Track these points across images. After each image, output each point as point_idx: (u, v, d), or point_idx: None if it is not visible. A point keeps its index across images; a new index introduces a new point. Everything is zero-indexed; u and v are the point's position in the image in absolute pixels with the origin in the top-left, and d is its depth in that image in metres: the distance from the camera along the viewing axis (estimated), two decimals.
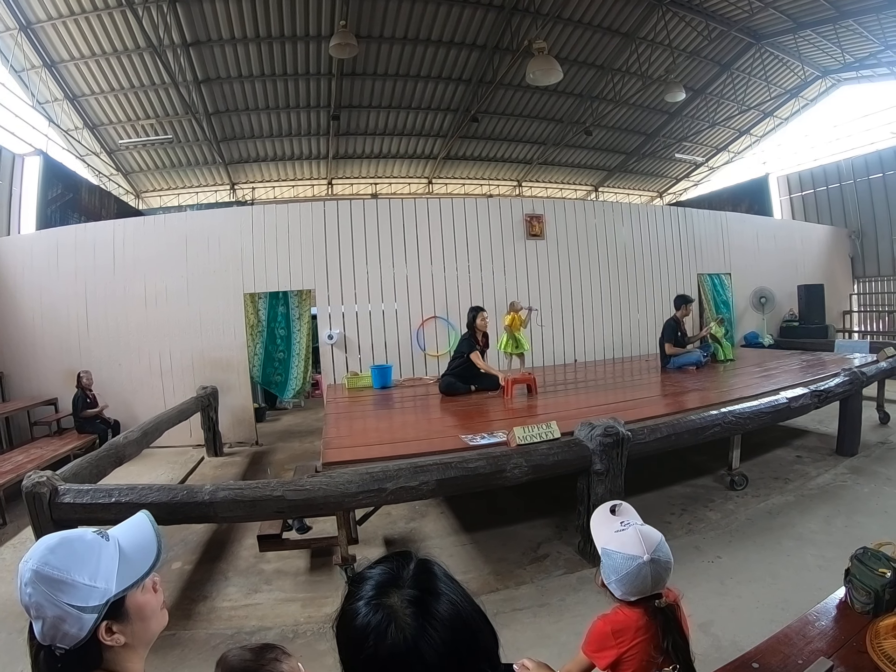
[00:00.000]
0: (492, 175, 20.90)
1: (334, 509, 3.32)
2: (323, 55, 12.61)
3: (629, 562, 1.51)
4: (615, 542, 1.55)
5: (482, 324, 6.24)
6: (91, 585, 0.97)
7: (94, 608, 0.97)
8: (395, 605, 0.85)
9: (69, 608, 0.94)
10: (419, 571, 0.91)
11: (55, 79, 12.46)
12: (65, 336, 7.78)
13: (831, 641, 1.78)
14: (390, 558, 0.95)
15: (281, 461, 6.85)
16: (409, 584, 0.88)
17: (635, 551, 1.51)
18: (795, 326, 11.71)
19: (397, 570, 0.91)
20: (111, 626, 1.00)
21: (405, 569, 0.91)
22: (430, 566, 0.94)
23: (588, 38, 13.49)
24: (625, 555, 1.52)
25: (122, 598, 1.02)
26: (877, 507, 4.41)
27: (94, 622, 0.97)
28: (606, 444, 3.59)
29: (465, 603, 0.89)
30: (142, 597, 1.07)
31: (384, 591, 0.88)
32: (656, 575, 1.52)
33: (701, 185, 22.73)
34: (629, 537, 1.54)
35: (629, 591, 1.55)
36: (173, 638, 3.11)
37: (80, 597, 0.96)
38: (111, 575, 1.00)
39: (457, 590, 0.91)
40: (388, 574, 0.91)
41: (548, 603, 3.31)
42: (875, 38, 13.01)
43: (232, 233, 7.81)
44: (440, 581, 0.91)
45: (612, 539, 1.56)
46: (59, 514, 3.06)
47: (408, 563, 0.92)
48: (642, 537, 1.53)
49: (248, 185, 19.06)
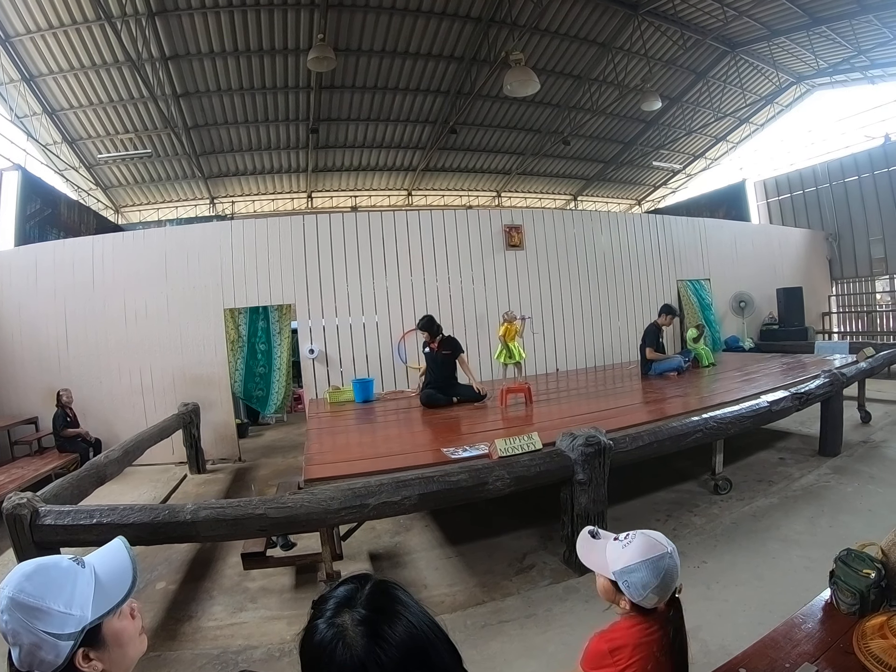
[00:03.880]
0: (471, 186, 21.00)
1: (317, 526, 3.27)
2: (301, 68, 12.60)
3: (660, 563, 1.48)
4: (633, 556, 1.50)
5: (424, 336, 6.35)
6: (66, 613, 0.97)
7: (70, 635, 0.96)
8: (345, 624, 0.86)
9: (45, 635, 0.94)
10: (373, 592, 0.92)
11: (34, 93, 12.34)
12: (44, 354, 7.66)
13: (818, 644, 1.77)
14: (351, 580, 0.96)
15: (264, 477, 6.78)
16: (362, 605, 0.89)
17: (659, 550, 1.49)
18: (775, 329, 11.86)
19: (353, 591, 0.92)
20: (88, 653, 1.00)
21: (361, 590, 0.92)
22: (385, 587, 0.94)
23: (565, 48, 13.62)
24: (652, 560, 1.48)
25: (99, 624, 1.02)
26: (861, 506, 4.45)
27: (70, 649, 0.96)
28: (588, 454, 3.58)
29: (422, 623, 0.89)
30: (119, 623, 1.06)
31: (339, 610, 0.89)
32: (678, 567, 1.52)
33: (679, 192, 23.00)
34: (645, 544, 1.51)
35: (666, 592, 1.51)
36: (159, 659, 3.06)
37: (55, 624, 0.95)
38: (87, 602, 1.00)
39: (414, 610, 0.91)
40: (346, 594, 0.92)
41: (535, 614, 3.28)
42: (848, 43, 13.26)
43: (211, 248, 7.76)
44: (395, 601, 0.91)
45: (626, 555, 1.52)
46: (40, 536, 3.00)
47: (364, 584, 0.93)
48: (652, 537, 1.52)
49: (227, 200, 18.98)
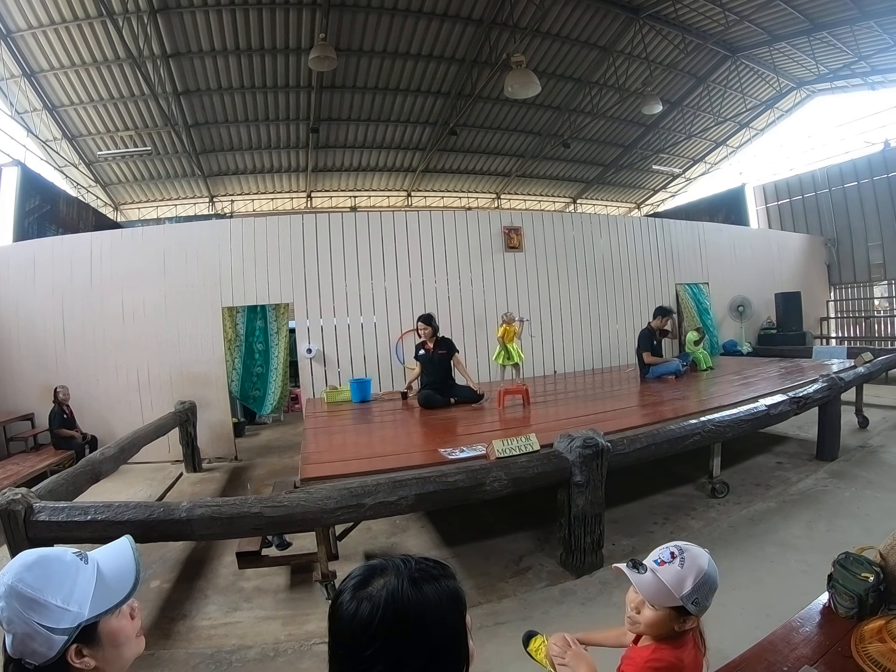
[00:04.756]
0: (470, 188, 21.02)
1: (313, 525, 3.25)
2: (302, 68, 12.61)
3: (710, 568, 1.41)
4: (689, 573, 1.39)
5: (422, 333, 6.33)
6: (63, 608, 0.96)
7: (65, 631, 0.95)
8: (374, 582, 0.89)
9: (39, 628, 0.93)
10: (427, 566, 0.93)
11: (34, 88, 12.36)
12: (41, 350, 7.63)
13: (816, 647, 1.77)
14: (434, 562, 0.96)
15: (260, 477, 6.75)
16: (406, 571, 0.90)
17: (703, 556, 1.42)
18: (773, 334, 11.85)
19: (410, 562, 0.93)
20: (81, 649, 0.99)
21: (421, 563, 0.93)
22: (443, 570, 0.94)
23: (566, 51, 13.66)
24: (702, 569, 1.40)
25: (95, 622, 1.00)
26: (858, 511, 4.44)
27: (63, 644, 0.95)
28: (586, 456, 3.57)
29: (437, 611, 0.88)
30: (116, 623, 1.05)
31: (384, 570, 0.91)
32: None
33: (678, 195, 23.06)
34: (694, 553, 1.43)
35: (711, 598, 1.44)
36: (153, 658, 3.04)
37: (51, 618, 0.94)
38: (85, 599, 0.99)
39: (440, 601, 0.89)
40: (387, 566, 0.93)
41: (531, 616, 3.26)
42: (849, 49, 13.29)
43: (210, 246, 7.73)
44: (428, 584, 0.90)
45: (691, 573, 1.40)
46: (34, 533, 2.99)
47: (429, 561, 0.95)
48: (689, 546, 1.45)
49: (227, 198, 18.97)
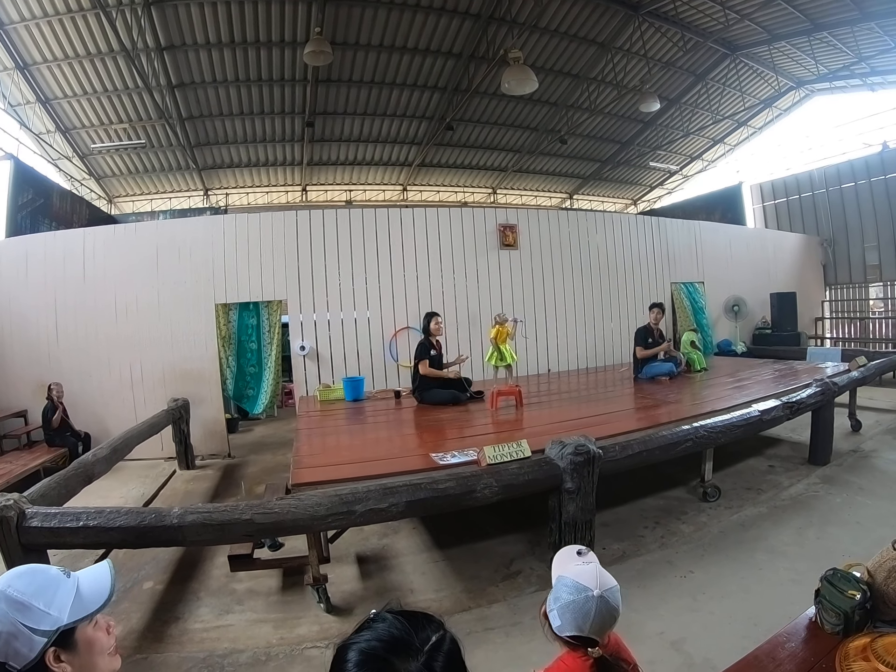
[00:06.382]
0: (467, 182, 20.94)
1: (303, 532, 3.26)
2: (298, 61, 12.49)
3: (578, 592, 1.45)
4: (572, 572, 1.51)
5: (436, 328, 6.29)
6: (45, 611, 1.08)
7: (45, 632, 1.07)
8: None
9: (22, 627, 1.05)
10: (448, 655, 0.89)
11: (27, 81, 12.21)
12: (34, 347, 7.58)
13: (801, 663, 1.77)
14: (428, 620, 0.94)
15: (253, 474, 6.75)
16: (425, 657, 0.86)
17: (589, 583, 1.46)
18: (768, 334, 11.87)
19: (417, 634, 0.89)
20: (59, 654, 1.10)
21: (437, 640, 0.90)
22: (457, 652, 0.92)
23: (564, 47, 13.59)
24: (577, 584, 1.46)
25: (73, 629, 1.12)
26: (849, 518, 4.45)
27: (43, 645, 1.06)
28: (577, 463, 3.56)
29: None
30: (92, 632, 1.17)
31: (399, 651, 0.86)
32: (600, 615, 1.44)
33: (675, 192, 23.05)
34: (587, 571, 1.50)
35: (567, 623, 1.47)
36: (146, 662, 3.06)
37: (33, 619, 1.06)
38: (65, 606, 1.11)
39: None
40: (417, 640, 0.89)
41: (520, 622, 3.27)
42: (849, 49, 13.25)
43: (203, 242, 7.69)
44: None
45: (570, 569, 1.52)
46: (27, 539, 2.97)
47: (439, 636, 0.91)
48: (599, 575, 1.49)
49: (221, 191, 18.85)
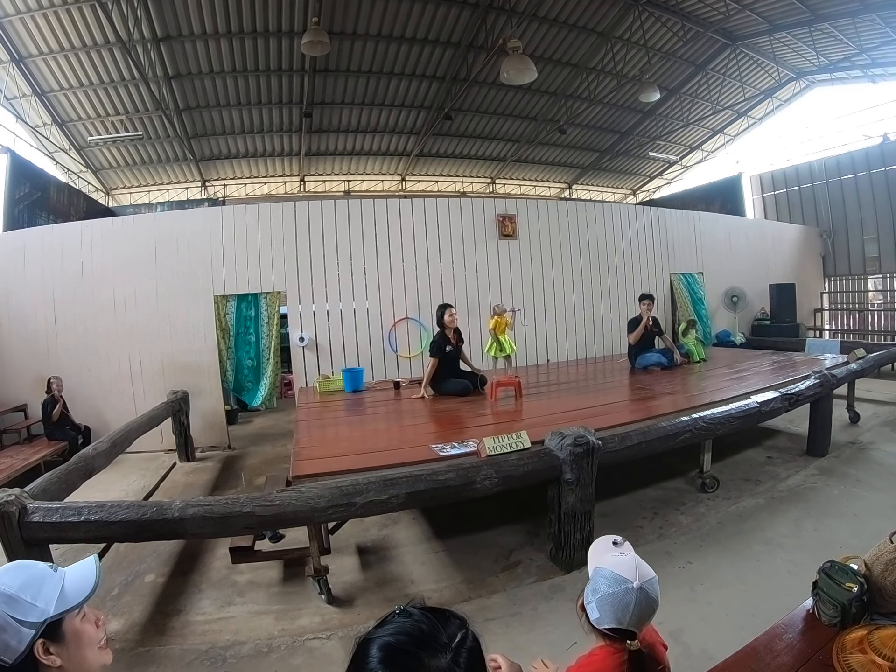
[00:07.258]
0: (465, 172, 20.88)
1: (304, 524, 3.28)
2: (295, 51, 12.39)
3: (617, 584, 1.44)
4: (610, 563, 1.49)
5: (450, 320, 6.23)
6: (32, 603, 1.12)
7: (33, 624, 1.11)
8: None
9: (10, 619, 1.08)
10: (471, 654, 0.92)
11: (23, 74, 12.13)
12: (33, 340, 7.57)
13: (798, 655, 1.79)
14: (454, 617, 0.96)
15: (253, 466, 6.76)
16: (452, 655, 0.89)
17: (628, 575, 1.44)
18: (767, 325, 11.88)
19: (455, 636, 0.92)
20: (48, 646, 1.14)
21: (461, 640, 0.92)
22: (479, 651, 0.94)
23: (563, 36, 13.50)
24: (616, 575, 1.45)
25: (60, 621, 1.16)
26: (846, 510, 4.45)
27: (31, 637, 1.10)
28: (577, 454, 3.57)
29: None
30: (80, 624, 1.21)
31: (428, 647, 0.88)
32: (640, 607, 1.43)
33: (674, 183, 22.96)
34: (626, 562, 1.48)
35: (607, 615, 1.46)
36: (148, 654, 3.07)
37: (21, 611, 1.10)
38: (51, 599, 1.15)
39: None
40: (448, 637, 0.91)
41: (519, 612, 3.29)
42: (850, 41, 13.16)
43: (202, 234, 7.66)
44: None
45: (608, 560, 1.50)
46: (28, 534, 2.97)
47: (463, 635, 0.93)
48: (638, 566, 1.47)
49: (219, 182, 18.77)
